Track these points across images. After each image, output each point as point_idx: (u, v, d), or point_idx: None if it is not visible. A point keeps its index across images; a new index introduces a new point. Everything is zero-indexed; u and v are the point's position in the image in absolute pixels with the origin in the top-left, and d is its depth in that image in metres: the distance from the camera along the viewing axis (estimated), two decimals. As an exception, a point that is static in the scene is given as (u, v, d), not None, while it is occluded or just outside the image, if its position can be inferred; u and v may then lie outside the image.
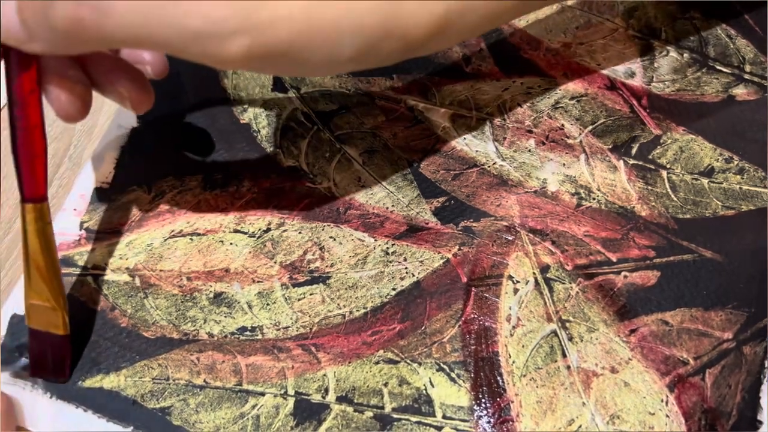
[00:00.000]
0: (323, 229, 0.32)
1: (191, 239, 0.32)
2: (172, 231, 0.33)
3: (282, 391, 0.28)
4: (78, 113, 0.26)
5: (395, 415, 0.28)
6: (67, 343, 0.29)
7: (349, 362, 0.29)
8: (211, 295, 0.31)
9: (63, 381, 0.29)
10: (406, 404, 0.28)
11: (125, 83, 0.27)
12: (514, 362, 0.29)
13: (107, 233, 0.33)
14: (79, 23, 0.21)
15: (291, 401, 0.28)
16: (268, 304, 0.31)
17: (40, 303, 0.28)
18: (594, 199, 0.33)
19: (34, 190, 0.27)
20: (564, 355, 0.29)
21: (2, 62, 0.25)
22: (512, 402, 0.28)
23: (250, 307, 0.31)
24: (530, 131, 0.35)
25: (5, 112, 0.26)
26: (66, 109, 0.26)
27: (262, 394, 0.28)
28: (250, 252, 0.32)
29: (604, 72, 0.37)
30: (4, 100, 0.37)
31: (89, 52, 0.26)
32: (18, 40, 0.22)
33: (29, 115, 0.25)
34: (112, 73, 0.27)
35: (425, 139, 0.35)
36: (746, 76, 0.36)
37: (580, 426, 0.27)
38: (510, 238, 0.32)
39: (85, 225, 0.33)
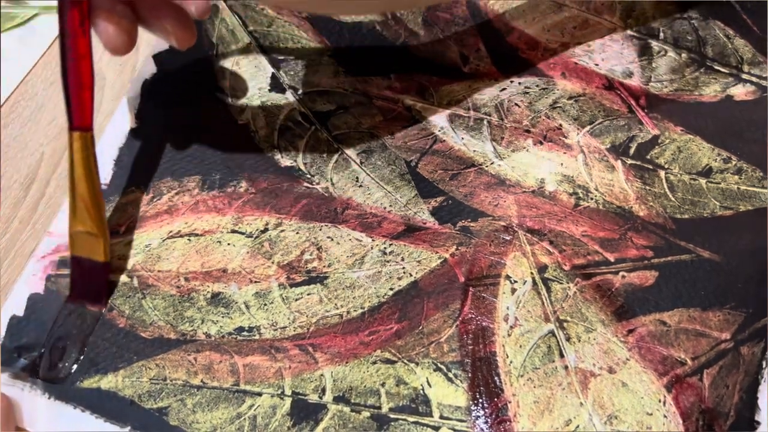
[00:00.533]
0: (321, 229, 0.32)
1: (189, 240, 0.32)
2: (170, 232, 0.33)
3: (279, 391, 0.28)
4: (124, 46, 0.28)
5: (392, 415, 0.28)
6: (107, 270, 0.31)
7: (347, 362, 0.29)
8: (209, 296, 0.31)
9: (99, 310, 0.30)
10: (403, 404, 0.28)
11: (170, 20, 0.28)
12: (511, 362, 0.29)
13: (105, 233, 0.33)
14: None
15: (288, 401, 0.28)
16: (265, 304, 0.31)
17: (83, 229, 0.30)
18: (592, 199, 0.33)
19: (81, 119, 0.29)
20: (562, 355, 0.29)
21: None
22: (509, 402, 0.28)
23: (247, 307, 0.31)
24: (528, 131, 0.35)
25: (16, 96, 0.27)
26: (113, 41, 0.27)
27: (259, 394, 0.28)
28: (247, 252, 0.32)
29: (602, 72, 0.37)
30: (5, 96, 0.37)
31: None
32: None
33: (78, 45, 0.27)
34: (158, 9, 0.28)
35: (423, 139, 0.35)
36: (744, 76, 0.36)
37: (578, 426, 0.27)
38: (508, 237, 0.32)
39: (83, 225, 0.33)
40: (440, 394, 0.28)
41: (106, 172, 0.34)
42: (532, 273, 0.31)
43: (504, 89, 0.36)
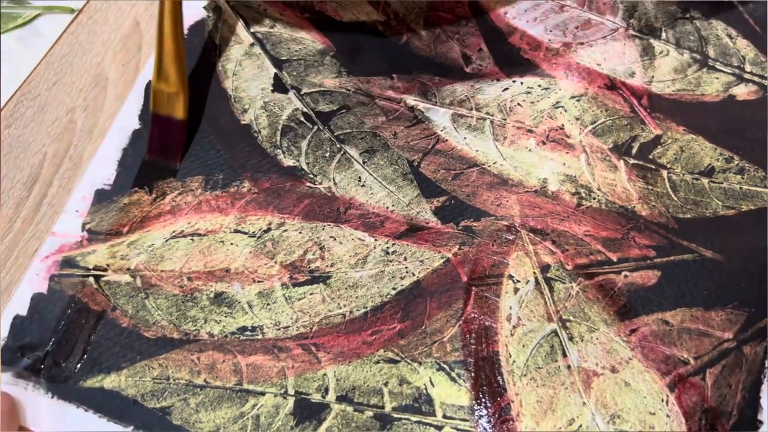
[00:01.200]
0: (323, 229, 0.32)
1: (192, 240, 0.32)
2: (173, 232, 0.33)
3: (282, 391, 0.29)
4: None
5: (395, 415, 0.28)
6: (184, 128, 0.33)
7: (350, 362, 0.29)
8: (212, 295, 0.31)
9: (175, 166, 0.33)
10: (406, 404, 0.28)
11: None
12: (514, 362, 0.29)
13: (109, 234, 0.33)
14: None
15: (291, 401, 0.28)
16: (268, 304, 0.31)
17: (165, 88, 0.32)
18: (594, 198, 0.33)
19: None
20: (564, 355, 0.29)
21: None
22: (512, 401, 0.28)
23: (250, 306, 0.31)
24: (530, 131, 0.35)
25: (18, 96, 0.27)
26: None
27: (263, 393, 0.28)
28: (250, 252, 0.32)
29: (605, 71, 0.37)
30: (7, 97, 0.37)
31: None
32: None
33: None
34: None
35: (425, 139, 0.35)
36: (746, 76, 0.36)
37: (581, 426, 0.27)
38: (510, 237, 0.32)
39: (87, 226, 0.33)
40: (443, 394, 0.28)
41: (109, 173, 0.34)
42: (534, 272, 0.31)
43: (506, 89, 0.36)
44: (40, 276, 0.32)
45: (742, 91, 0.36)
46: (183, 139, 0.34)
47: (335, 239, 0.32)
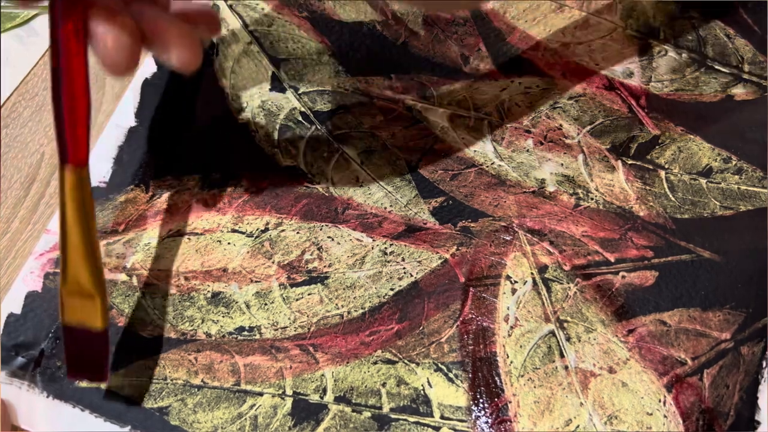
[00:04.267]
0: (321, 229, 0.32)
1: (189, 239, 0.32)
2: (170, 230, 0.33)
3: (280, 391, 0.28)
4: (125, 63, 0.23)
5: (393, 415, 0.28)
6: (106, 339, 0.26)
7: (347, 362, 0.29)
8: (209, 295, 0.31)
9: (102, 382, 0.27)
10: (404, 404, 0.28)
11: (175, 39, 0.24)
12: (512, 362, 0.29)
13: (105, 233, 0.33)
14: None
15: (289, 401, 0.28)
16: (266, 304, 0.31)
17: (75, 291, 0.25)
18: (592, 199, 0.33)
19: (76, 152, 0.24)
20: (562, 356, 0.29)
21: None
22: (510, 402, 0.28)
23: (248, 306, 0.30)
24: (528, 131, 0.35)
25: (16, 96, 0.25)
26: (113, 56, 0.23)
27: (260, 394, 0.28)
28: (248, 252, 0.32)
29: (603, 72, 0.37)
30: (5, 96, 0.37)
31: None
32: None
33: (72, 64, 0.23)
34: (162, 25, 0.24)
35: (423, 139, 0.35)
36: (745, 76, 0.36)
37: (578, 426, 0.27)
38: (508, 238, 0.32)
39: (83, 225, 0.33)
40: (441, 395, 0.28)
41: (105, 170, 0.34)
42: (532, 273, 0.31)
43: (504, 89, 0.36)
44: (35, 274, 0.32)
45: (741, 91, 0.36)
46: (106, 353, 0.26)
47: (333, 239, 0.32)
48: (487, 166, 0.34)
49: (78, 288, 0.25)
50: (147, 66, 0.37)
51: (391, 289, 0.31)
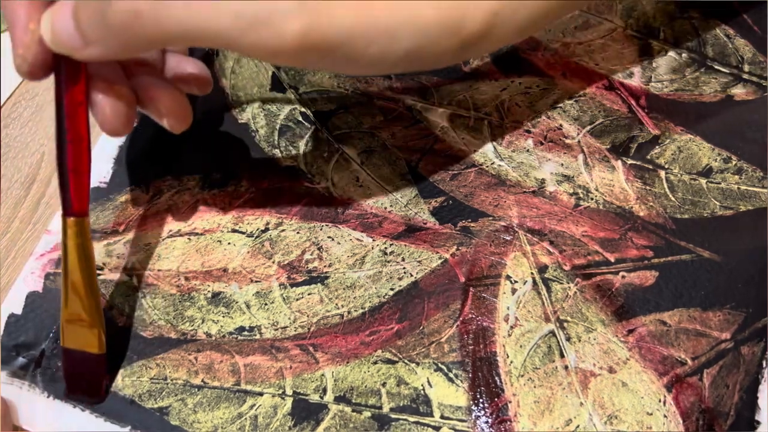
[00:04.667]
0: (321, 229, 0.32)
1: (189, 239, 0.32)
2: (170, 231, 0.33)
3: (280, 391, 0.28)
4: (122, 127, 0.26)
5: (393, 415, 0.28)
6: (103, 362, 0.29)
7: (347, 362, 0.29)
8: (209, 295, 0.31)
9: (99, 401, 0.29)
10: (404, 404, 0.28)
11: (165, 101, 0.27)
12: (511, 362, 0.29)
13: (105, 233, 0.33)
14: (137, 18, 0.21)
15: (289, 401, 0.28)
16: (266, 304, 0.31)
17: (76, 320, 0.27)
18: (592, 199, 0.33)
19: (80, 204, 0.27)
20: (562, 355, 0.29)
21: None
22: (510, 402, 0.28)
23: (248, 306, 0.31)
24: (528, 131, 0.35)
25: (16, 96, 0.26)
26: (111, 122, 0.26)
27: (260, 394, 0.28)
28: (248, 252, 0.32)
29: (603, 72, 0.37)
30: (5, 97, 0.37)
31: (137, 62, 0.28)
32: (72, 47, 0.23)
33: (78, 127, 0.26)
34: (153, 90, 0.27)
35: (423, 139, 0.35)
36: (745, 76, 0.36)
37: (578, 426, 0.27)
38: (508, 238, 0.32)
39: (83, 225, 0.33)
40: (441, 394, 0.28)
41: (105, 171, 0.34)
42: (532, 273, 0.31)
43: (504, 89, 0.36)
44: (36, 274, 0.32)
45: (741, 91, 0.36)
46: (104, 374, 0.29)
47: (333, 239, 0.32)
48: (487, 166, 0.34)
49: (78, 318, 0.27)
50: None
51: (391, 289, 0.31)
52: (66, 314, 0.27)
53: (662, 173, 0.33)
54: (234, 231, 0.33)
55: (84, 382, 0.29)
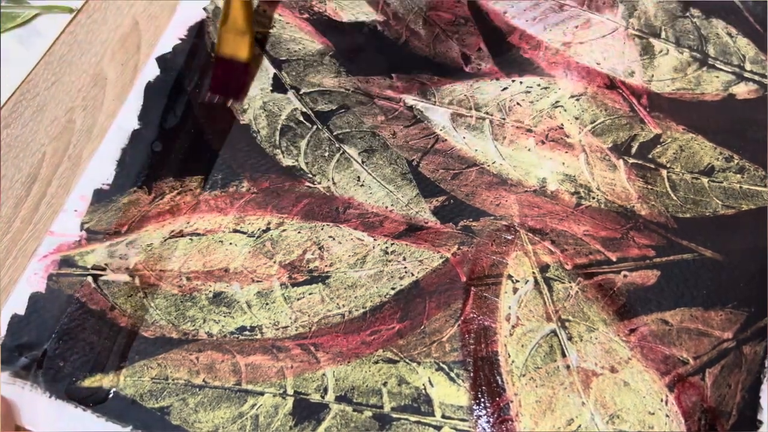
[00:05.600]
0: (322, 229, 0.32)
1: (191, 239, 0.32)
2: (172, 231, 0.33)
3: (281, 391, 0.28)
4: None
5: (394, 415, 0.28)
6: (248, 69, 0.35)
7: (348, 362, 0.29)
8: (211, 295, 0.31)
9: (239, 103, 0.34)
10: (405, 404, 0.28)
11: None
12: (513, 362, 0.29)
13: (107, 234, 0.33)
14: None
15: (290, 401, 0.28)
16: (267, 304, 0.31)
17: (233, 28, 0.34)
18: (594, 198, 0.33)
19: None
20: (563, 355, 0.29)
21: None
22: (511, 401, 0.28)
23: (249, 306, 0.31)
24: (530, 130, 0.35)
25: (17, 96, 0.26)
26: None
27: (261, 393, 0.28)
28: (249, 252, 0.32)
29: (604, 71, 0.37)
30: (6, 97, 0.37)
31: None
32: None
33: None
34: None
35: (424, 139, 0.35)
36: (747, 75, 0.36)
37: (580, 426, 0.27)
38: (509, 237, 0.32)
39: (86, 226, 0.33)
40: (442, 394, 0.28)
41: (108, 173, 0.34)
42: (533, 272, 0.31)
43: (506, 88, 0.36)
44: (38, 275, 0.32)
45: (742, 90, 0.36)
46: (246, 79, 0.35)
47: (334, 239, 0.32)
48: (489, 166, 0.34)
49: (234, 26, 0.35)
50: (149, 68, 0.37)
51: (393, 289, 0.31)
52: (225, 23, 0.34)
53: (664, 172, 0.33)
54: (235, 231, 0.33)
55: (229, 86, 0.35)
